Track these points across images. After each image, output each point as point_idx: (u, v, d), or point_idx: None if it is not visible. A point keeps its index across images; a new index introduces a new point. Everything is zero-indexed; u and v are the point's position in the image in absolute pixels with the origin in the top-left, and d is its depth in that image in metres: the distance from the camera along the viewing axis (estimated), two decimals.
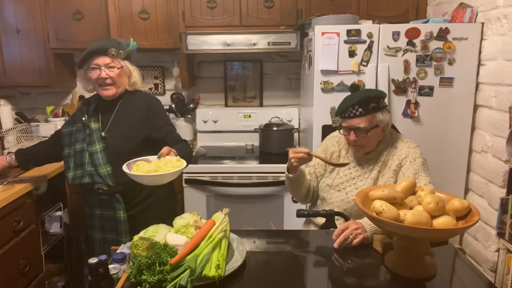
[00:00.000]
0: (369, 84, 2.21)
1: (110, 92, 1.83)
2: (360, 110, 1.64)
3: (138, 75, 1.92)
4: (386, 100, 1.71)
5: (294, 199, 2.32)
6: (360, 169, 1.76)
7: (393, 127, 1.85)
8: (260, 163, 2.70)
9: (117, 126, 1.86)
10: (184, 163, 1.56)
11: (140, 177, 1.47)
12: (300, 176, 1.80)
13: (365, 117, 1.65)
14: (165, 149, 1.61)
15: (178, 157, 1.60)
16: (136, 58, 1.94)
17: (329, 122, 2.26)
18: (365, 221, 1.45)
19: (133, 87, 1.91)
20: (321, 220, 1.75)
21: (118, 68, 1.82)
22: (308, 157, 1.68)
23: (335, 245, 1.40)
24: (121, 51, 1.81)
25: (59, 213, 2.56)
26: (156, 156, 1.58)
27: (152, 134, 1.85)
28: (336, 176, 1.80)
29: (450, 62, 2.17)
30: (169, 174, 1.47)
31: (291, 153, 1.69)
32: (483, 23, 2.11)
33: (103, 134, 1.85)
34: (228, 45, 2.64)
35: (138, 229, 1.37)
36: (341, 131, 1.76)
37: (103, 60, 1.79)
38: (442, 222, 1.16)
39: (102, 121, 1.88)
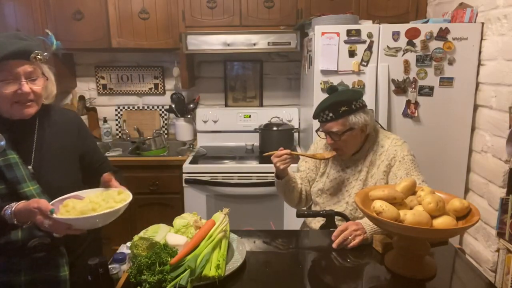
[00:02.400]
0: (369, 84, 2.21)
1: (32, 109, 1.30)
2: (330, 115, 1.61)
3: (55, 82, 1.41)
4: (371, 99, 1.65)
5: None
6: (348, 171, 1.74)
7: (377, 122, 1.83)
8: (260, 163, 2.69)
9: (48, 156, 1.35)
10: (129, 194, 1.25)
11: (79, 220, 1.12)
12: (290, 180, 1.78)
13: (336, 121, 1.61)
14: (106, 176, 1.29)
15: (120, 188, 1.30)
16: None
17: None
18: (364, 222, 1.45)
19: (51, 100, 1.41)
20: (316, 227, 1.75)
21: (46, 79, 1.33)
22: (292, 157, 1.68)
23: (334, 245, 1.39)
24: (45, 53, 1.30)
25: None
26: (88, 191, 1.29)
27: (86, 158, 1.47)
28: (326, 180, 1.78)
29: (450, 62, 2.17)
30: (114, 211, 1.15)
31: (274, 158, 1.69)
32: (483, 23, 2.11)
33: (29, 168, 1.29)
34: (228, 45, 2.64)
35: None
36: (319, 133, 1.76)
37: (23, 68, 1.24)
38: (442, 222, 1.16)
39: (18, 150, 1.29)
